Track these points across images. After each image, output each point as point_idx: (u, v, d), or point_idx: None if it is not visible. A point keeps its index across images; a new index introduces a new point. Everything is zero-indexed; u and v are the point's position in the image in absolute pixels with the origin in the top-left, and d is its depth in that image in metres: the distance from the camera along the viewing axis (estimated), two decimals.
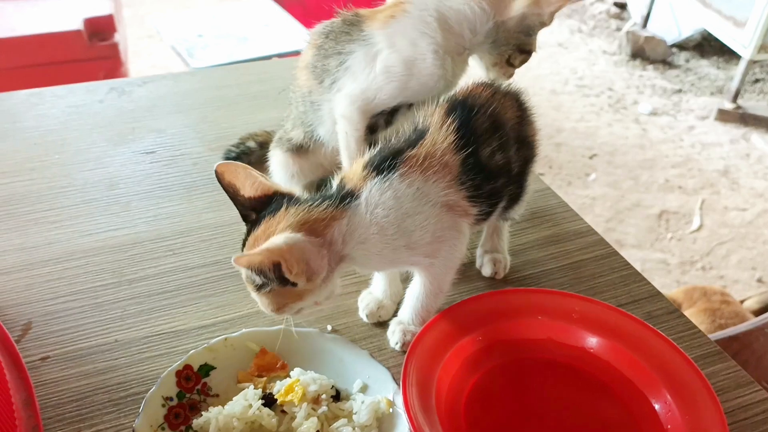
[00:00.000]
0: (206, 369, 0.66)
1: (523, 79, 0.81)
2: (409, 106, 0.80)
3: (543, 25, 0.80)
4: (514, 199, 0.76)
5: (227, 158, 0.93)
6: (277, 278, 0.60)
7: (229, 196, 0.65)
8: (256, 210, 0.63)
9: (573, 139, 3.00)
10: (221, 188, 0.64)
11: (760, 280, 2.42)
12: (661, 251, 2.46)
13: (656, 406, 0.67)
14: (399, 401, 0.63)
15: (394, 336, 0.73)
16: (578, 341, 0.72)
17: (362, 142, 0.80)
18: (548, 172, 2.77)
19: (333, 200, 0.62)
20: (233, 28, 2.55)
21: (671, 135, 3.06)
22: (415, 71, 0.76)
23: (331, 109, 0.81)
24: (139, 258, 0.82)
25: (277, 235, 0.59)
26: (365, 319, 0.75)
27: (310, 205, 0.61)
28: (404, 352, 0.68)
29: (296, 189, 0.67)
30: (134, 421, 0.62)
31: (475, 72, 0.82)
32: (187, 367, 0.65)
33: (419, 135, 0.67)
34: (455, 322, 0.71)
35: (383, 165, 0.63)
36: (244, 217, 0.64)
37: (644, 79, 3.47)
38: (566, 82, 3.40)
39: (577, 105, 3.24)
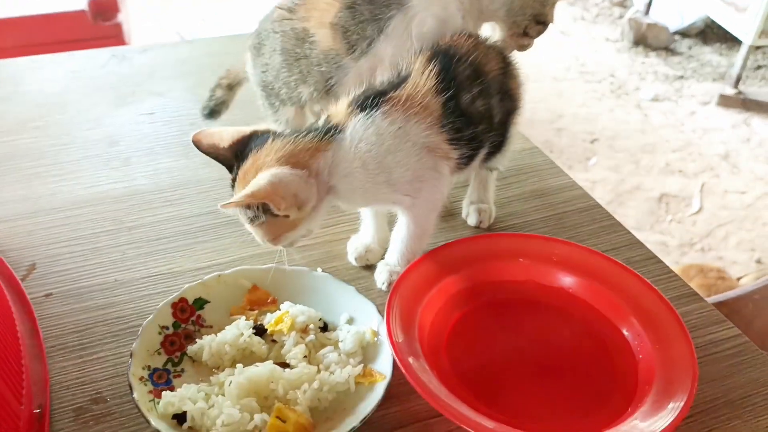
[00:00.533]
0: (200, 302, 0.70)
1: (526, 65, 0.83)
2: None
3: None
4: (497, 147, 0.78)
5: (206, 116, 0.94)
6: (267, 213, 0.63)
7: (213, 157, 0.68)
8: (238, 156, 0.67)
9: (574, 124, 3.02)
10: None
11: (759, 261, 2.44)
12: (661, 233, 2.48)
13: (630, 339, 0.70)
14: (383, 331, 0.66)
15: (380, 276, 0.76)
16: (558, 282, 0.75)
17: None
18: (549, 156, 2.79)
19: (318, 132, 0.65)
20: (235, 14, 2.59)
21: (672, 120, 3.07)
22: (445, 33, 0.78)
23: (361, 73, 0.80)
24: (137, 208, 0.85)
25: (264, 171, 0.62)
26: (354, 263, 0.79)
27: (296, 137, 0.65)
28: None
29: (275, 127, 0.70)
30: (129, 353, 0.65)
31: None
32: (182, 299, 0.69)
33: (402, 79, 0.70)
34: (439, 262, 0.74)
35: (367, 103, 0.67)
36: (230, 169, 0.68)
37: (646, 66, 3.48)
38: (568, 68, 3.42)
39: (578, 91, 3.26)
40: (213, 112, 0.94)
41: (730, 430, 0.63)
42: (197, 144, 0.68)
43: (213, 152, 0.68)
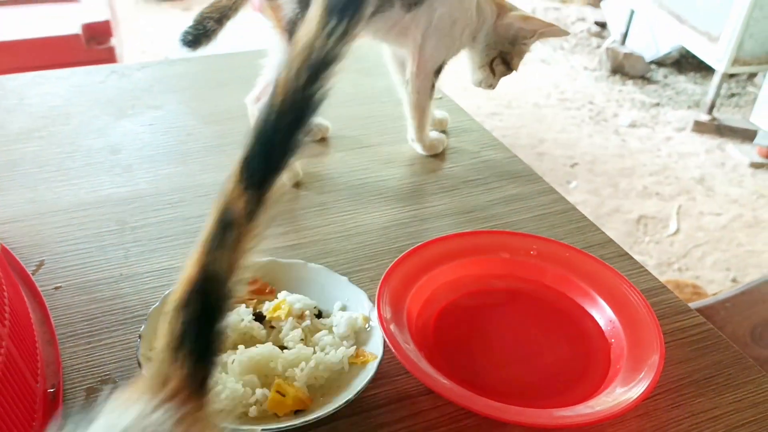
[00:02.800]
0: None
1: (508, 92, 0.94)
2: None
3: (525, 43, 0.96)
4: None
5: (188, 43, 0.93)
6: None
7: None
8: None
9: (555, 149, 3.11)
10: (214, 153, 0.73)
11: (734, 280, 2.52)
12: (640, 254, 2.55)
13: (602, 326, 0.75)
14: (374, 317, 0.71)
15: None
16: (536, 275, 0.81)
17: None
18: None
19: None
20: (226, 38, 2.66)
21: (649, 145, 3.17)
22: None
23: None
24: (140, 210, 0.90)
25: None
26: None
27: None
28: None
29: None
30: (138, 335, 0.69)
31: None
32: None
33: None
34: (425, 257, 0.80)
35: None
36: None
37: (624, 94, 3.59)
38: (549, 96, 3.52)
39: (559, 117, 3.36)
40: (195, 40, 0.93)
41: (695, 406, 0.69)
42: None
43: None
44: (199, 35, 0.93)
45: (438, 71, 1.00)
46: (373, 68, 1.25)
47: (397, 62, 1.05)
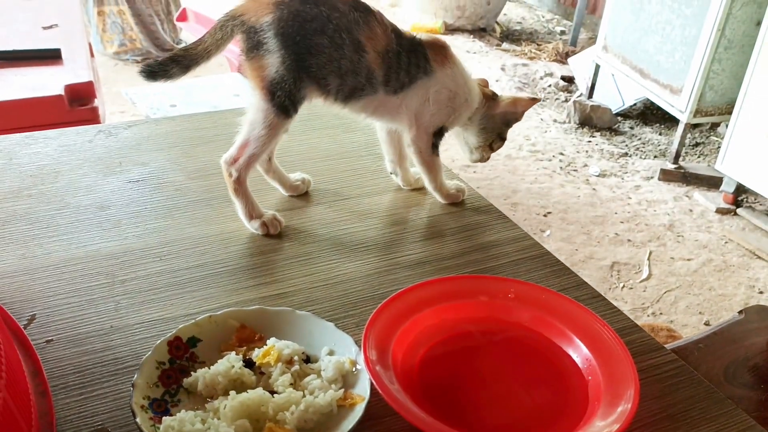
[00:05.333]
0: (193, 341, 0.76)
1: None
2: None
3: (516, 120, 1.08)
4: None
5: (144, 72, 0.97)
6: None
7: None
8: None
9: (528, 198, 3.18)
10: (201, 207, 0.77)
11: (707, 323, 2.57)
12: (614, 299, 2.60)
13: (579, 363, 0.78)
14: (360, 360, 0.73)
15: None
16: (514, 316, 0.84)
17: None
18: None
19: None
20: (205, 98, 2.72)
21: (619, 194, 3.26)
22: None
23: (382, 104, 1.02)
24: (129, 263, 0.92)
25: None
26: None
27: None
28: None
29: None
30: (130, 386, 0.71)
31: None
32: (177, 338, 0.76)
33: None
34: (408, 302, 0.83)
35: None
36: None
37: (592, 145, 3.70)
38: (520, 147, 3.61)
39: (531, 168, 3.44)
40: (153, 76, 0.96)
41: None
42: None
43: None
44: (159, 73, 0.97)
45: (438, 133, 1.05)
46: (353, 124, 1.30)
47: (388, 136, 1.12)
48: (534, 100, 1.12)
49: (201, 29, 3.39)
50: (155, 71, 0.96)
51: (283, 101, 0.94)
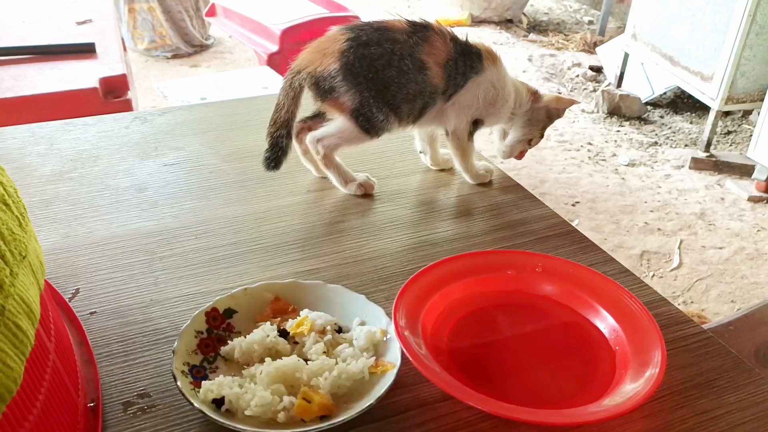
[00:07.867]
0: (230, 312, 0.79)
1: None
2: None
3: (558, 116, 1.12)
4: None
5: (268, 168, 1.04)
6: None
7: None
8: None
9: (556, 188, 3.17)
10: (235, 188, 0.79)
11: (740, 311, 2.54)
12: None
13: (607, 335, 0.80)
14: (391, 330, 0.76)
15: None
16: (542, 290, 0.86)
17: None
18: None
19: None
20: (234, 91, 2.76)
21: (649, 183, 3.24)
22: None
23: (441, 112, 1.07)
24: (166, 241, 0.95)
25: None
26: None
27: None
28: None
29: None
30: (170, 354, 0.74)
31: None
32: (214, 309, 0.78)
33: None
34: (437, 276, 0.85)
35: None
36: None
37: (621, 134, 3.68)
38: (548, 138, 3.60)
39: (558, 158, 3.43)
40: (277, 162, 1.03)
41: (699, 406, 0.73)
42: None
43: None
44: (279, 156, 1.04)
45: (476, 122, 1.09)
46: None
47: (424, 133, 1.16)
48: (573, 101, 1.16)
49: (230, 24, 3.44)
50: (276, 157, 1.03)
51: (365, 126, 1.01)
